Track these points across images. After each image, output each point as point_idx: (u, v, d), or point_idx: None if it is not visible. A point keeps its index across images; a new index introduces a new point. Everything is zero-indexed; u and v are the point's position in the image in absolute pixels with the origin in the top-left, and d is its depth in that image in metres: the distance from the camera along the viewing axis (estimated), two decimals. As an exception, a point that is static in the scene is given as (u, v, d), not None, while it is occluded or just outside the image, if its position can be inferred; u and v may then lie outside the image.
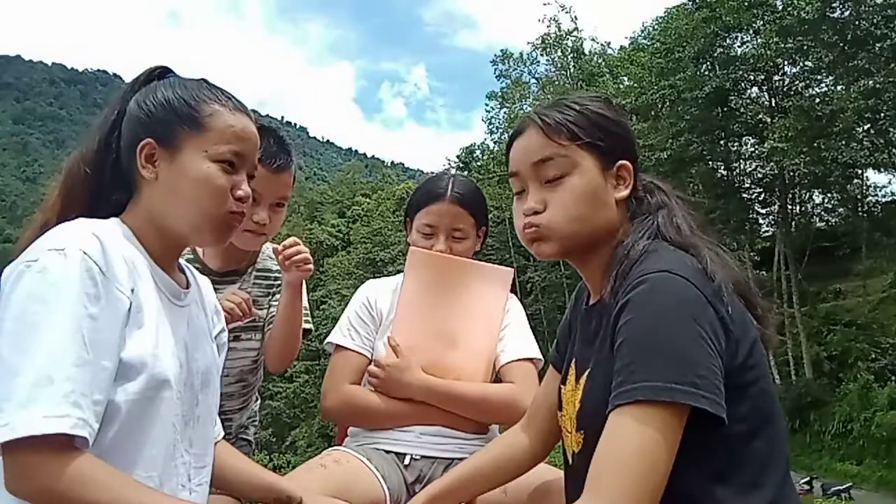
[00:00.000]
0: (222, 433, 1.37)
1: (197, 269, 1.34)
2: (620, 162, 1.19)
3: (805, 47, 23.71)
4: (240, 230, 1.32)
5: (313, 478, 1.50)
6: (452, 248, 1.81)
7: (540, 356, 1.82)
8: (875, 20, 22.36)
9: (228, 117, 1.13)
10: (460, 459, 1.62)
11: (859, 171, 26.50)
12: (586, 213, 1.17)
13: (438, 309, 1.76)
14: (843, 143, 23.46)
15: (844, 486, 16.86)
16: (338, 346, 1.80)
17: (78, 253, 0.99)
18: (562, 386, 1.27)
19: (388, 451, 1.69)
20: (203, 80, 1.19)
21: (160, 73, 1.21)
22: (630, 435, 0.96)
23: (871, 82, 21.56)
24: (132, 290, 1.05)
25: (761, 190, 29.90)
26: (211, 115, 1.12)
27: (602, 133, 1.19)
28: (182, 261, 1.24)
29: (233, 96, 1.17)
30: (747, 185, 29.96)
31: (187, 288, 1.20)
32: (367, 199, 50.68)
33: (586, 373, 1.16)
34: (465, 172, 42.51)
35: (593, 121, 1.19)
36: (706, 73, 26.97)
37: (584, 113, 1.20)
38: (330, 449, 1.75)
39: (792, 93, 26.66)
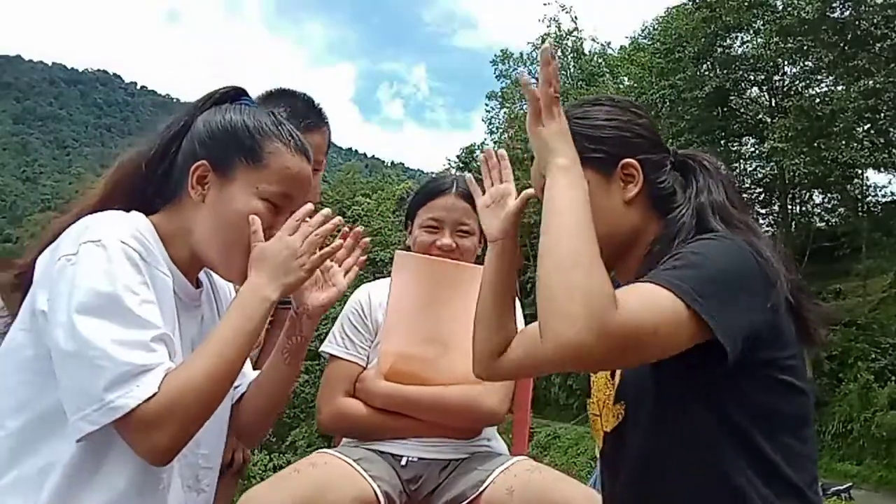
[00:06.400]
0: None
1: None
2: (623, 161, 1.15)
3: (805, 47, 23.66)
4: None
5: (285, 485, 1.48)
6: (458, 243, 1.76)
7: None
8: (875, 20, 22.31)
9: (287, 158, 1.12)
10: (456, 460, 1.64)
11: (859, 171, 26.42)
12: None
13: (428, 313, 1.72)
14: (843, 143, 23.39)
15: (844, 486, 16.82)
16: (332, 356, 1.78)
17: (116, 243, 0.99)
18: (591, 374, 1.26)
19: (383, 453, 1.68)
20: (272, 112, 1.17)
21: (234, 95, 1.19)
22: (651, 290, 0.93)
23: (871, 82, 21.50)
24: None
25: (761, 190, 29.86)
26: (272, 152, 1.11)
27: (592, 143, 1.14)
28: None
29: (296, 134, 1.15)
30: (747, 185, 29.85)
31: (199, 287, 1.20)
32: (367, 199, 50.54)
33: None
34: (465, 172, 42.49)
35: (583, 134, 1.13)
36: (706, 73, 26.93)
37: (573, 130, 1.15)
38: (318, 451, 1.74)
39: (792, 93, 26.61)
